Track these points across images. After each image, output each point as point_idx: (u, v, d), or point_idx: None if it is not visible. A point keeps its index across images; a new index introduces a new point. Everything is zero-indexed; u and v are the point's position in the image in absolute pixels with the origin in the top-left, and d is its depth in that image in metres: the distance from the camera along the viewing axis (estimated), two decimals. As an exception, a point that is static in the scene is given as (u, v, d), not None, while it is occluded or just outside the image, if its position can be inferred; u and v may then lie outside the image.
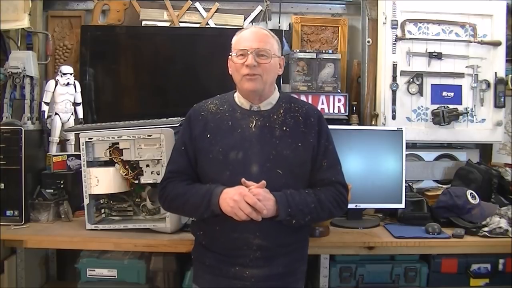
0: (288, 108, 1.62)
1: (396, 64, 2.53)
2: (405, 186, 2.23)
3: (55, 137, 2.39)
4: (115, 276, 1.98)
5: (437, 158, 2.63)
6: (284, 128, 1.56)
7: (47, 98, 2.38)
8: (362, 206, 2.22)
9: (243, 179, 1.46)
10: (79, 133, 2.01)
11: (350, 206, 2.07)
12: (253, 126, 1.56)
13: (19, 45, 2.54)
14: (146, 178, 1.96)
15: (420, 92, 2.55)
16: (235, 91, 1.65)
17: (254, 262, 1.51)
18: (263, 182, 1.46)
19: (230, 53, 1.60)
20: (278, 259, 1.54)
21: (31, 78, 2.37)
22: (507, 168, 2.46)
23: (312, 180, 1.59)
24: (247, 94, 1.58)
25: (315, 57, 2.62)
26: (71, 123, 2.44)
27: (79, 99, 2.47)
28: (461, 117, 2.52)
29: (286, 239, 1.55)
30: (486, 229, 2.01)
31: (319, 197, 1.54)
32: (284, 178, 1.52)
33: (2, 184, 2.05)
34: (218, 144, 1.54)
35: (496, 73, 2.55)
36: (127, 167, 1.99)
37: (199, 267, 1.64)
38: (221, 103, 1.63)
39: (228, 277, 1.53)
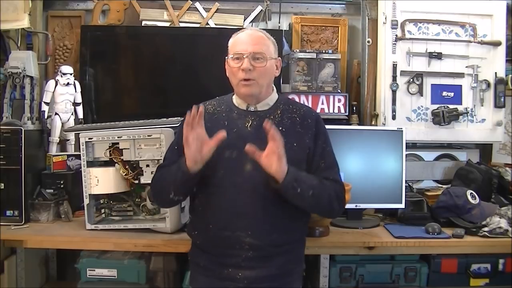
0: (286, 109, 1.62)
1: (396, 64, 2.53)
2: (405, 186, 2.23)
3: (55, 137, 2.38)
4: (115, 276, 1.98)
5: (437, 158, 2.63)
6: (280, 128, 1.55)
7: (47, 98, 2.38)
8: (362, 206, 2.22)
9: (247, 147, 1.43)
10: (79, 133, 2.01)
11: (350, 206, 2.09)
12: (248, 125, 1.57)
13: (19, 45, 2.54)
14: (146, 178, 1.95)
15: (420, 92, 2.55)
16: (234, 93, 1.65)
17: (246, 262, 1.50)
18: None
19: (227, 56, 1.60)
20: (271, 260, 1.53)
21: (31, 78, 2.37)
22: (507, 168, 2.46)
23: None
24: (244, 98, 1.60)
25: (315, 57, 2.62)
26: (71, 123, 2.44)
27: (79, 99, 2.47)
28: (461, 117, 2.52)
29: (278, 239, 1.53)
30: (486, 229, 2.01)
31: (321, 181, 1.55)
32: None
33: (2, 184, 2.04)
34: None
35: (496, 73, 2.55)
36: (127, 167, 1.99)
37: (194, 268, 1.64)
38: (219, 104, 1.64)
39: (221, 278, 1.53)
